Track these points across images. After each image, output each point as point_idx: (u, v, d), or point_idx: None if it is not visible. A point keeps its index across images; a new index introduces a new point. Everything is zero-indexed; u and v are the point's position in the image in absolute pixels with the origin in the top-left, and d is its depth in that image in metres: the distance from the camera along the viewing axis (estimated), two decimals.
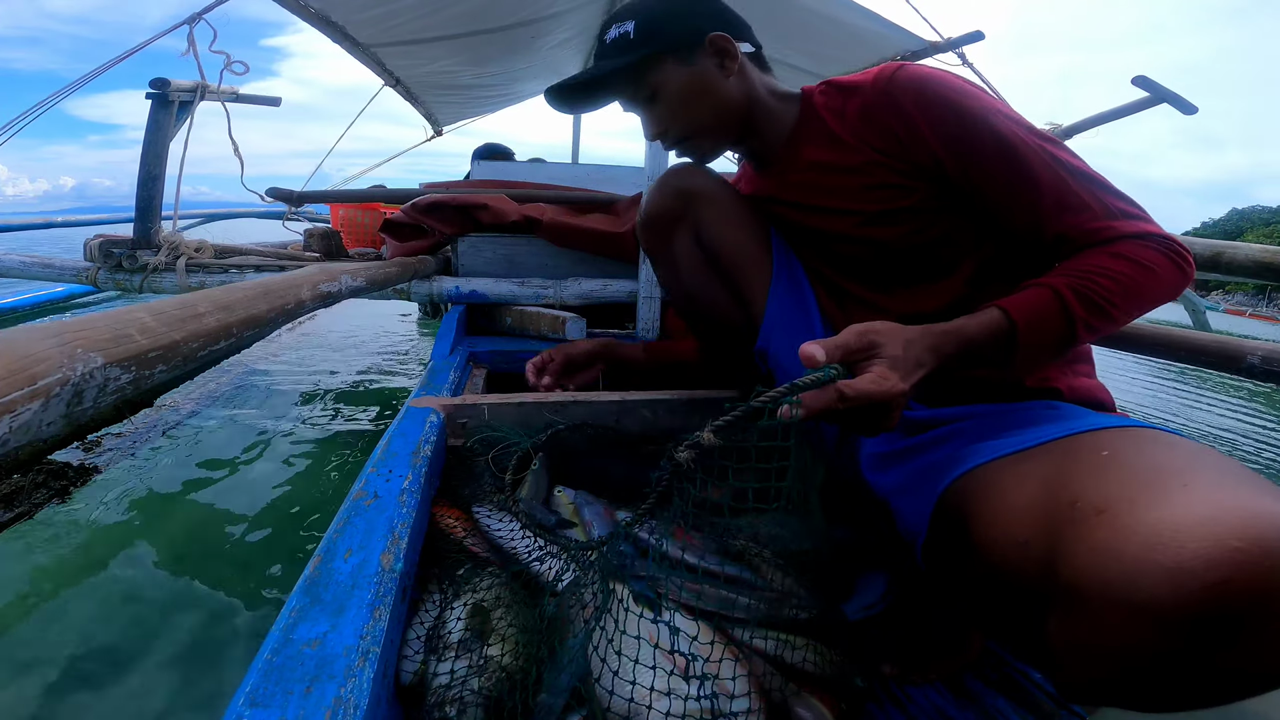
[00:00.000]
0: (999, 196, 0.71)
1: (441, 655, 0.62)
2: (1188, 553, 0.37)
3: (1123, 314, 0.65)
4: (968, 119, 0.70)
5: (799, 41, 3.29)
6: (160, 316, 0.51)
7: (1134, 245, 0.66)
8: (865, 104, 0.76)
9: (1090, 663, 0.41)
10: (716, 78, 0.81)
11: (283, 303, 0.75)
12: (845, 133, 0.78)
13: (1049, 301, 0.64)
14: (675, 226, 0.95)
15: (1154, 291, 0.66)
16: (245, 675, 0.43)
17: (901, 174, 0.75)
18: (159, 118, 1.86)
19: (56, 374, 0.38)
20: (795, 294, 0.91)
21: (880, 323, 0.61)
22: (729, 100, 0.82)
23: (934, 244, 0.77)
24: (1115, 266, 0.64)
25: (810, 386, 0.55)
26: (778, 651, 0.65)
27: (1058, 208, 0.68)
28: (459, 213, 1.84)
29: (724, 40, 0.81)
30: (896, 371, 0.57)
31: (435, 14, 2.90)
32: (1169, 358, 1.38)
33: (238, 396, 2.19)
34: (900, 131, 0.73)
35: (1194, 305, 3.64)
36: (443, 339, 1.55)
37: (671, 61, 0.80)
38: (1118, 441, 0.55)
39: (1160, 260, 0.65)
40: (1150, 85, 2.57)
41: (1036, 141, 0.69)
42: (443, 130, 5.10)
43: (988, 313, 0.65)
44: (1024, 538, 0.51)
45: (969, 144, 0.70)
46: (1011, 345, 0.64)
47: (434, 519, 0.81)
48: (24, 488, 1.31)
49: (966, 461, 0.63)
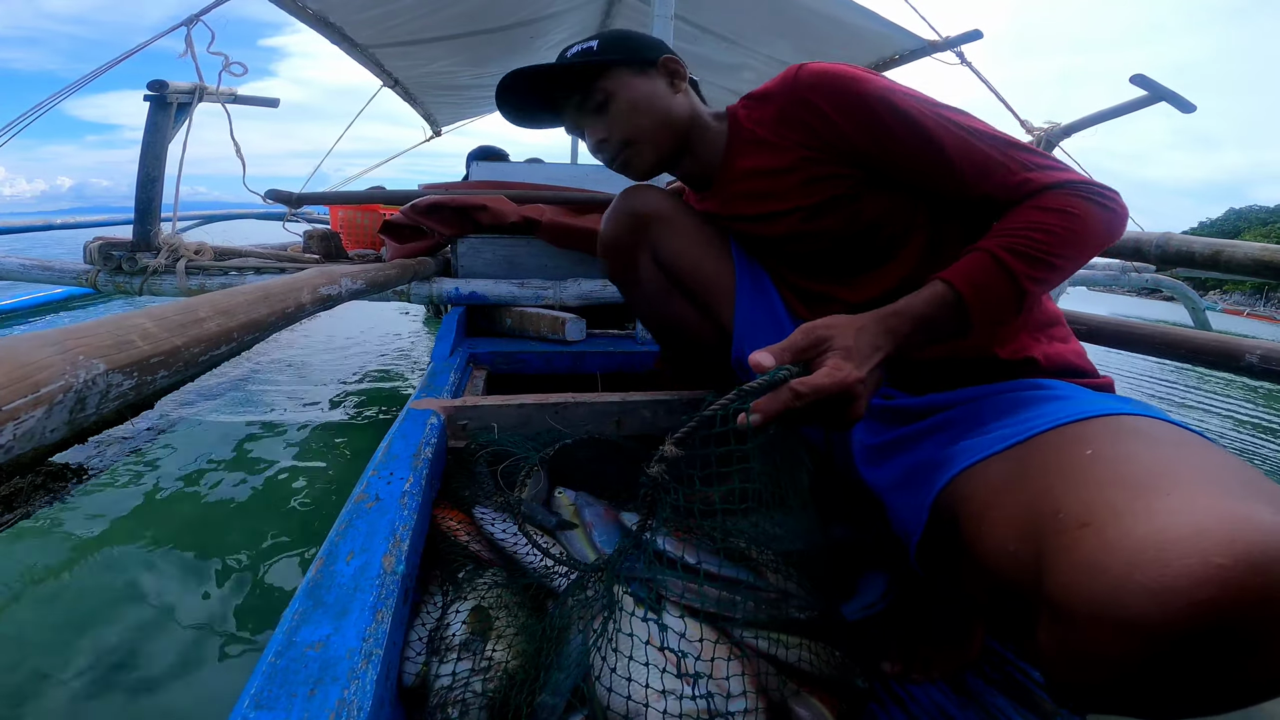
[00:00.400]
0: (915, 168, 0.74)
1: (443, 657, 0.62)
2: (1172, 571, 0.37)
3: (1063, 260, 0.66)
4: (869, 100, 0.73)
5: (799, 41, 3.30)
6: (161, 322, 0.51)
7: (1056, 195, 0.68)
8: (779, 107, 0.80)
9: (1077, 672, 0.41)
10: (666, 92, 0.86)
11: (283, 306, 0.75)
12: (769, 136, 0.82)
13: (987, 264, 0.65)
14: (633, 251, 0.96)
15: (1087, 234, 0.67)
16: (249, 678, 0.43)
17: (828, 164, 0.78)
18: (157, 119, 1.86)
19: (59, 381, 0.38)
20: (762, 300, 0.92)
21: (829, 317, 0.62)
22: (675, 113, 0.86)
23: (877, 226, 0.79)
24: (1043, 219, 0.66)
25: (759, 391, 0.56)
26: (777, 651, 0.65)
27: (973, 169, 0.71)
28: (458, 214, 1.84)
29: (675, 62, 0.87)
30: (850, 361, 0.58)
31: (433, 14, 2.90)
32: (1169, 357, 1.38)
33: (238, 398, 2.19)
34: (815, 124, 0.77)
35: (1194, 304, 3.65)
36: (443, 340, 1.55)
37: (626, 71, 0.85)
38: (1101, 437, 0.54)
39: (1082, 204, 0.67)
40: (1148, 84, 2.57)
41: (937, 110, 0.73)
42: (441, 130, 5.10)
43: (931, 286, 0.66)
44: (1011, 547, 0.51)
45: (875, 123, 0.73)
46: (963, 312, 0.65)
47: (435, 521, 0.82)
48: (24, 489, 1.31)
49: (956, 463, 0.63)
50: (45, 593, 1.10)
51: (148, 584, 1.13)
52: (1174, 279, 3.75)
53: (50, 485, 1.37)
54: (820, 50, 3.32)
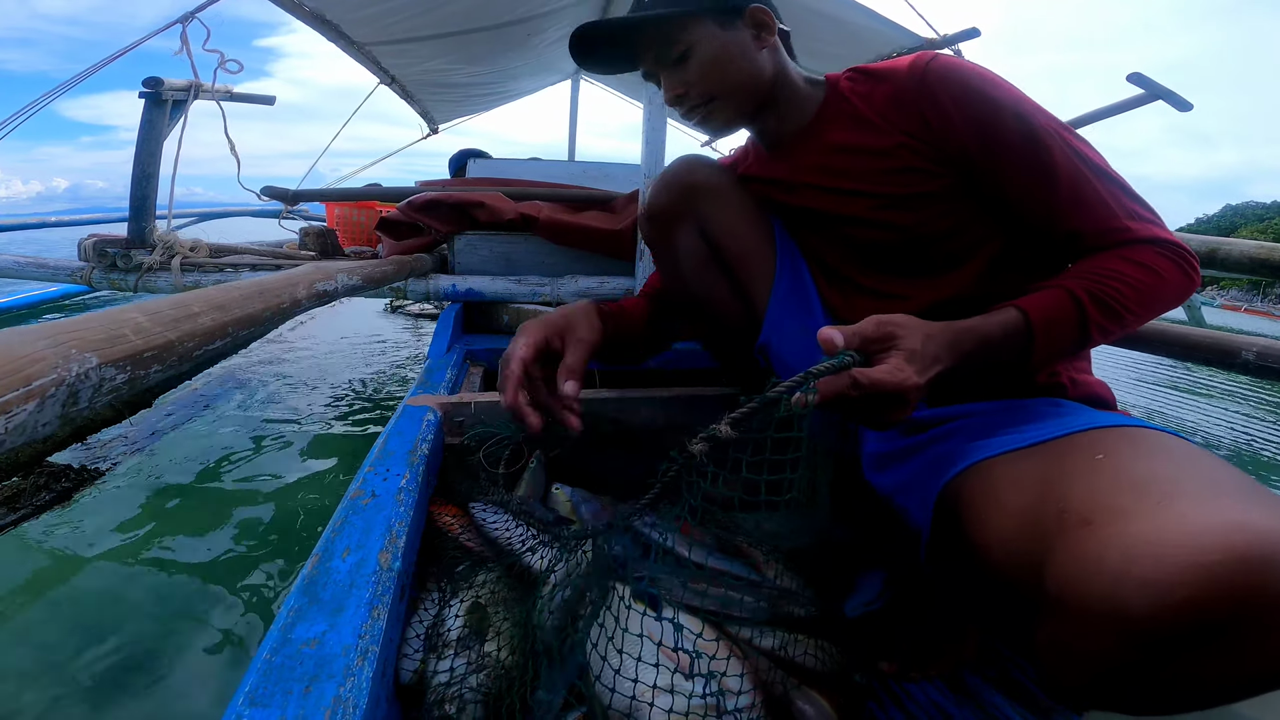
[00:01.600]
0: (1018, 185, 0.71)
1: (441, 653, 0.62)
2: (1166, 567, 0.37)
3: (1134, 319, 0.66)
4: (997, 107, 0.71)
5: (801, 40, 3.28)
6: (155, 316, 0.51)
7: (1146, 250, 0.67)
8: (897, 89, 0.76)
9: (1074, 667, 0.42)
10: (751, 47, 0.81)
11: (279, 301, 0.74)
12: (872, 115, 0.78)
13: (1065, 303, 0.64)
14: (679, 221, 0.93)
15: (1164, 297, 0.67)
16: (244, 675, 0.43)
17: (928, 159, 0.75)
18: (152, 117, 1.85)
19: (51, 375, 0.38)
20: (798, 289, 0.90)
21: (900, 315, 0.60)
22: (759, 71, 0.82)
23: (947, 234, 0.77)
24: (1129, 271, 0.65)
25: (826, 373, 0.54)
26: (778, 648, 0.65)
27: (1073, 203, 0.69)
28: (455, 211, 1.83)
29: (764, 13, 0.81)
30: (913, 365, 0.56)
31: (430, 12, 2.89)
32: (1165, 354, 1.38)
33: (237, 398, 2.18)
34: (931, 118, 0.74)
35: (1190, 303, 3.66)
36: (439, 337, 1.55)
37: (710, 22, 0.80)
38: (1112, 444, 0.54)
39: (1170, 267, 0.66)
40: (1145, 82, 2.57)
41: (1061, 133, 0.70)
42: (438, 128, 5.08)
43: (1004, 312, 0.65)
44: (1015, 542, 0.52)
45: (996, 131, 0.71)
46: (1027, 345, 0.64)
47: (432, 517, 0.81)
48: (25, 490, 1.31)
49: (967, 457, 0.63)
50: (45, 591, 1.10)
51: (144, 582, 1.13)
52: None
53: (54, 486, 1.37)
54: (816, 48, 3.32)
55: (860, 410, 0.57)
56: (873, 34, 3.17)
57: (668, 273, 1.00)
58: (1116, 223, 0.68)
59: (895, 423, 0.57)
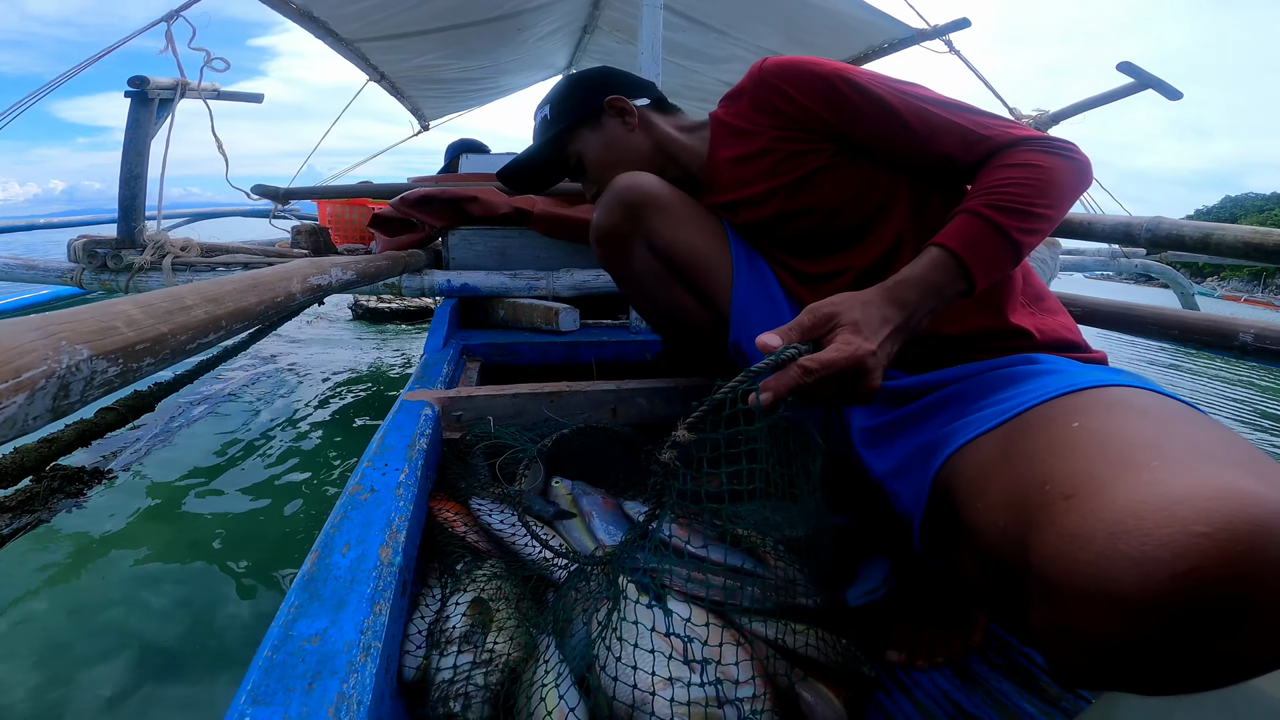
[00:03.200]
0: (880, 135, 0.79)
1: (444, 650, 0.61)
2: (1153, 541, 0.36)
3: (1043, 208, 0.68)
4: (827, 77, 0.79)
5: (788, 31, 3.29)
6: (146, 309, 0.50)
7: (1017, 152, 0.72)
8: (751, 96, 0.86)
9: (1068, 649, 0.41)
10: (622, 133, 0.95)
11: (272, 295, 0.73)
12: (746, 125, 0.87)
13: (974, 222, 0.67)
14: (628, 240, 0.95)
15: (1058, 183, 0.70)
16: (246, 673, 0.42)
17: (800, 141, 0.83)
18: (139, 116, 1.83)
19: (41, 366, 0.37)
20: (759, 283, 0.92)
21: (834, 296, 0.63)
22: (638, 149, 0.94)
23: (858, 196, 0.82)
24: (1013, 174, 0.69)
25: (766, 370, 0.55)
26: (782, 638, 0.65)
27: (929, 132, 0.76)
28: (449, 206, 1.82)
29: (619, 101, 0.95)
30: (859, 335, 0.58)
31: (419, 7, 2.87)
32: (1162, 338, 1.38)
33: (236, 401, 2.18)
34: (783, 106, 0.83)
35: (1184, 289, 3.67)
36: (435, 333, 1.54)
37: (582, 129, 0.95)
38: (1090, 409, 0.54)
39: (1046, 157, 0.70)
40: (1135, 71, 2.58)
41: (890, 83, 0.78)
42: (429, 125, 5.05)
43: (926, 253, 0.67)
44: (1003, 523, 0.50)
45: (834, 96, 0.79)
46: (963, 272, 0.66)
47: (432, 513, 0.80)
48: (39, 493, 1.33)
49: (951, 442, 0.62)
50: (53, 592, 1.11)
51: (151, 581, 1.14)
52: (1163, 265, 3.77)
53: (68, 488, 1.40)
54: (809, 40, 3.31)
55: (829, 394, 0.58)
56: (864, 25, 3.17)
57: (630, 293, 1.04)
58: (974, 135, 0.75)
59: (871, 392, 0.59)
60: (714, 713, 0.55)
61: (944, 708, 0.69)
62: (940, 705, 0.70)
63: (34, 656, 0.95)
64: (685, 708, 0.54)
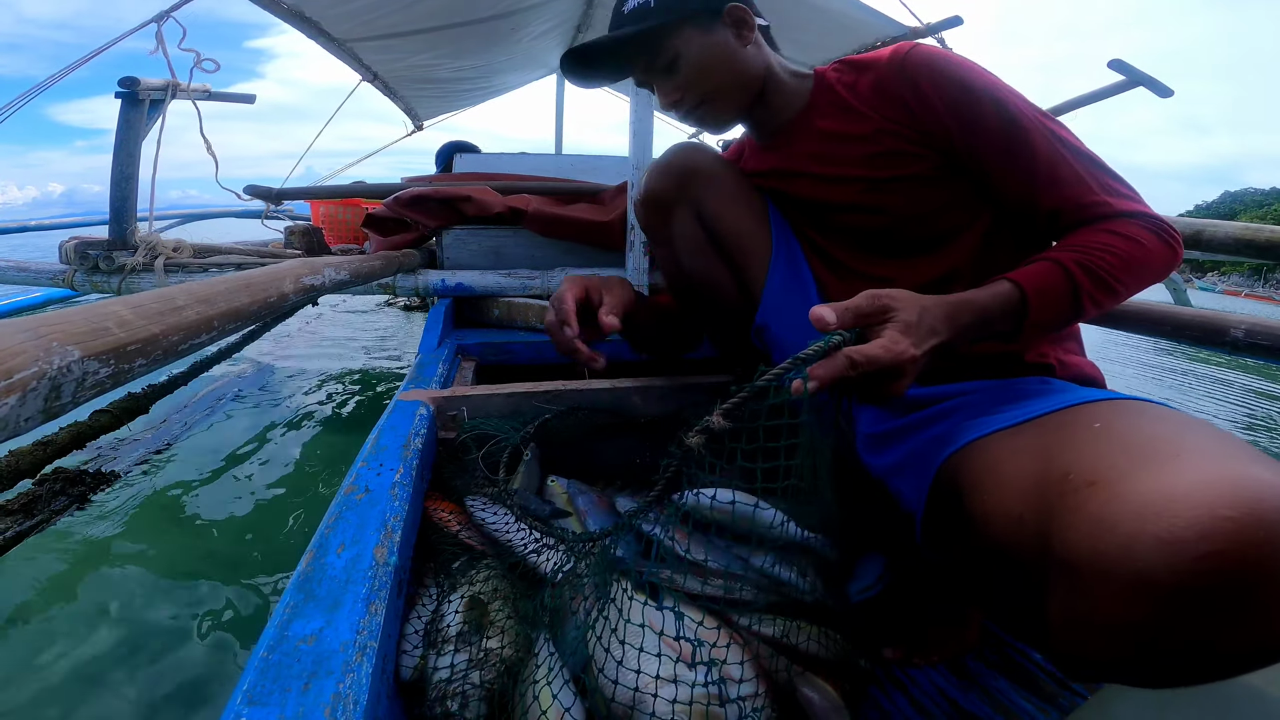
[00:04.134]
0: (998, 165, 0.74)
1: (440, 649, 0.61)
2: (1181, 523, 0.36)
3: (1123, 288, 0.67)
4: (974, 90, 0.73)
5: (783, 30, 3.26)
6: (138, 310, 0.50)
7: (1128, 223, 0.68)
8: (879, 77, 0.79)
9: (1087, 637, 0.41)
10: (734, 46, 0.84)
11: (265, 295, 0.73)
12: (858, 103, 0.81)
13: (1056, 274, 0.65)
14: (675, 206, 0.94)
15: (1149, 267, 0.68)
16: (242, 673, 0.42)
17: (910, 142, 0.77)
18: (129, 117, 1.81)
19: (33, 368, 0.37)
20: (793, 271, 0.91)
21: (894, 289, 0.60)
22: (747, 67, 0.85)
23: (936, 214, 0.78)
24: (1113, 243, 0.67)
25: (816, 358, 0.53)
26: (781, 635, 0.65)
27: (1052, 180, 0.71)
28: (443, 205, 1.82)
29: (742, 10, 0.83)
30: (909, 337, 0.56)
31: (412, 7, 2.86)
32: (1153, 334, 1.39)
33: (234, 403, 2.18)
34: (911, 102, 0.76)
35: (1174, 284, 3.69)
36: (430, 332, 1.53)
37: (691, 28, 0.82)
38: (1109, 414, 0.54)
39: (1152, 239, 0.68)
40: (1126, 69, 2.59)
41: (1037, 117, 0.72)
42: (423, 125, 5.03)
43: (998, 284, 0.65)
44: (1018, 512, 0.51)
45: (973, 113, 0.73)
46: (1021, 316, 0.65)
47: (428, 512, 0.80)
48: (42, 496, 1.33)
49: (962, 436, 0.63)
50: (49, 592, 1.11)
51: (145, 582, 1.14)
52: None
53: (70, 490, 1.39)
54: (801, 38, 3.31)
55: (858, 386, 0.56)
56: (857, 23, 3.17)
57: (665, 257, 1.01)
58: (1095, 198, 0.70)
59: (895, 395, 0.57)
60: (714, 711, 0.55)
61: (940, 705, 0.70)
62: (937, 702, 0.70)
63: (33, 657, 0.96)
64: (685, 707, 0.54)
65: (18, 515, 1.24)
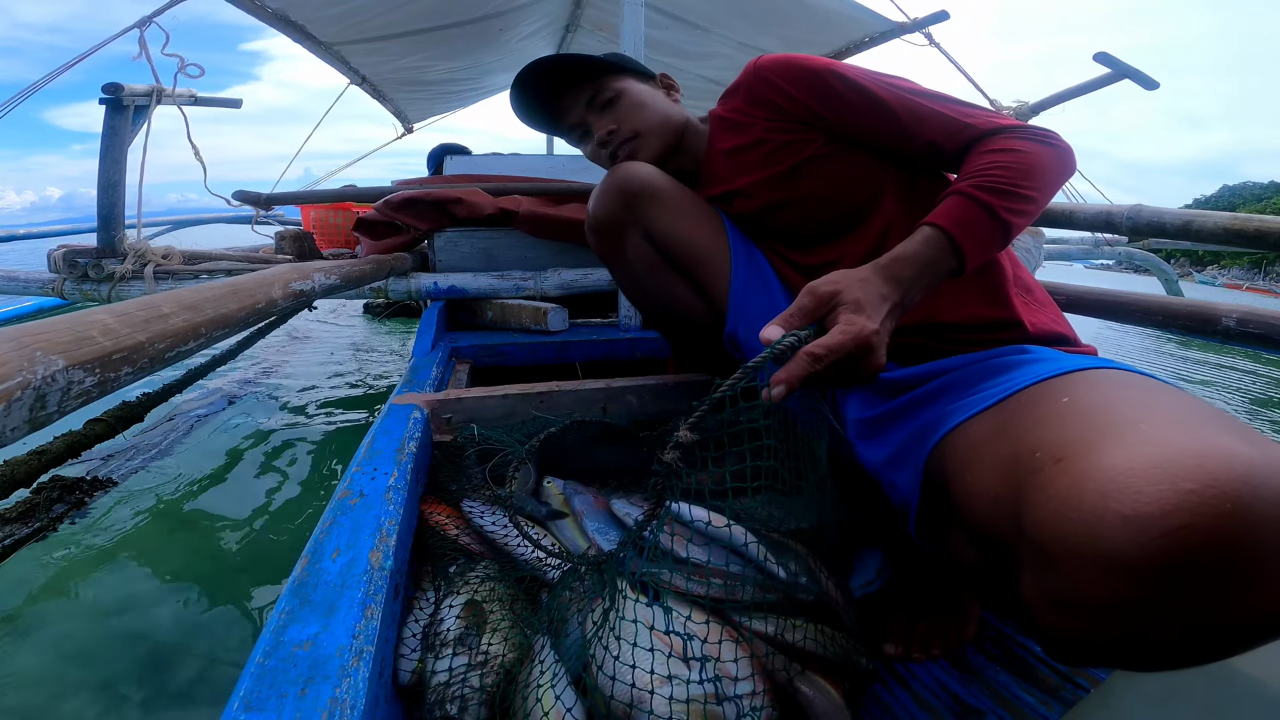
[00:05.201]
0: (867, 126, 0.82)
1: (438, 653, 0.61)
2: (1144, 499, 0.36)
3: (1030, 189, 0.70)
4: (819, 74, 0.83)
5: (774, 27, 3.29)
6: (123, 318, 0.49)
7: (1000, 139, 0.74)
8: (747, 90, 0.90)
9: (1062, 619, 0.40)
10: (665, 98, 1.00)
11: (253, 301, 0.72)
12: (740, 118, 0.91)
13: (964, 203, 0.68)
14: (623, 229, 0.96)
15: (1042, 166, 0.71)
16: (239, 679, 0.42)
17: (791, 131, 0.86)
18: (114, 123, 1.80)
19: (16, 378, 0.36)
20: (756, 274, 0.93)
21: (830, 274, 0.62)
22: (673, 114, 0.98)
23: (849, 186, 0.85)
24: (998, 158, 0.71)
25: (765, 363, 0.54)
26: (779, 634, 0.65)
27: (915, 121, 0.79)
28: (433, 208, 1.81)
29: (670, 79, 1.04)
30: (861, 314, 0.58)
31: (399, 9, 2.85)
32: (1145, 324, 1.40)
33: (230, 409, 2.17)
34: (776, 99, 0.86)
35: (1167, 275, 3.71)
36: (423, 335, 1.53)
37: (632, 76, 0.98)
38: (1078, 386, 0.55)
39: (1029, 144, 0.72)
40: (1111, 61, 2.60)
41: (878, 76, 0.81)
42: (413, 127, 5.02)
43: (919, 232, 0.68)
44: (996, 493, 0.51)
45: (825, 89, 0.82)
46: (955, 250, 0.67)
47: (424, 516, 0.80)
48: (40, 504, 1.33)
49: (945, 424, 0.63)
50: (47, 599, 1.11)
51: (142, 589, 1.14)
52: (1146, 252, 3.81)
53: (67, 497, 1.39)
54: (790, 34, 3.32)
55: (836, 376, 0.57)
56: (845, 19, 3.18)
57: (624, 283, 1.04)
58: (958, 123, 0.77)
59: (876, 370, 0.58)
60: (713, 710, 0.55)
61: (942, 699, 0.70)
62: (939, 697, 0.70)
63: (30, 662, 0.96)
64: (684, 705, 0.54)
65: (16, 524, 1.24)
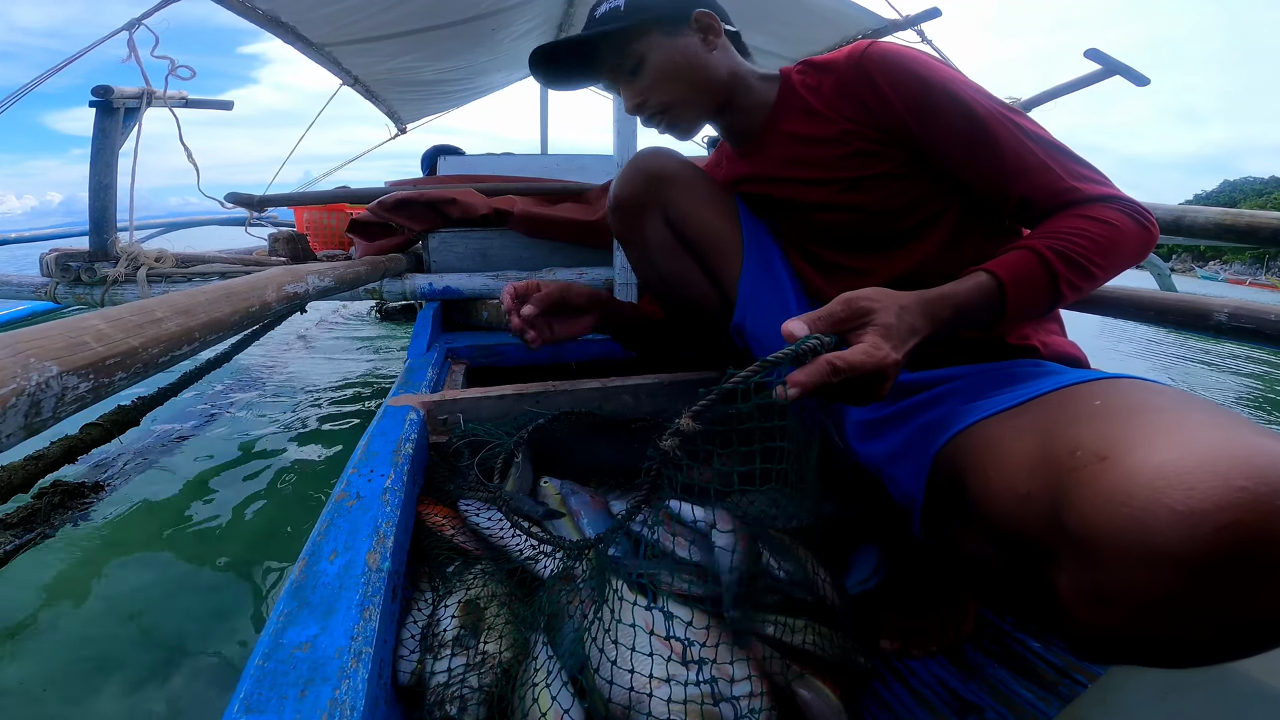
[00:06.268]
0: (963, 159, 0.74)
1: (437, 654, 0.61)
2: (1197, 494, 0.36)
3: (1100, 270, 0.67)
4: (930, 86, 0.73)
5: (765, 24, 3.28)
6: (116, 323, 0.49)
7: (1100, 207, 0.68)
8: (839, 78, 0.80)
9: (1103, 614, 0.40)
10: (700, 51, 0.84)
11: (246, 304, 0.72)
12: (821, 106, 0.82)
13: (1032, 262, 0.65)
14: (645, 210, 0.95)
15: (1125, 249, 0.68)
16: (239, 681, 0.42)
17: (874, 141, 0.78)
18: (105, 126, 1.80)
19: (11, 385, 0.36)
20: (767, 268, 0.92)
21: (871, 290, 0.59)
22: (712, 73, 0.85)
23: (908, 208, 0.79)
24: (1088, 227, 0.66)
25: (785, 360, 0.53)
26: (778, 634, 0.65)
27: (1019, 170, 0.71)
28: (427, 209, 1.81)
29: (708, 17, 0.84)
30: (889, 341, 0.56)
31: (390, 10, 2.83)
32: (1137, 319, 1.40)
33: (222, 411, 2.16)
34: (871, 101, 0.77)
35: (1159, 269, 3.73)
36: (419, 337, 1.53)
37: (657, 33, 0.83)
38: (1110, 392, 0.55)
39: (1126, 220, 0.68)
40: (1102, 58, 2.61)
41: (996, 108, 0.73)
42: (406, 128, 5.00)
43: (975, 276, 0.65)
44: (1025, 490, 0.51)
45: (932, 109, 0.73)
46: (1001, 306, 0.65)
47: (421, 517, 0.80)
48: (40, 509, 1.33)
49: (959, 421, 0.62)
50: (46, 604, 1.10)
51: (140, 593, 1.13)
52: None
53: (69, 503, 1.39)
54: (782, 32, 3.32)
55: (840, 392, 0.55)
56: (837, 16, 3.18)
57: (638, 262, 1.02)
58: (1064, 184, 0.70)
59: (877, 399, 0.57)
60: (710, 710, 0.55)
61: (940, 695, 0.70)
62: (937, 693, 0.70)
63: (28, 667, 0.95)
64: (682, 706, 0.54)
65: (18, 529, 1.25)
